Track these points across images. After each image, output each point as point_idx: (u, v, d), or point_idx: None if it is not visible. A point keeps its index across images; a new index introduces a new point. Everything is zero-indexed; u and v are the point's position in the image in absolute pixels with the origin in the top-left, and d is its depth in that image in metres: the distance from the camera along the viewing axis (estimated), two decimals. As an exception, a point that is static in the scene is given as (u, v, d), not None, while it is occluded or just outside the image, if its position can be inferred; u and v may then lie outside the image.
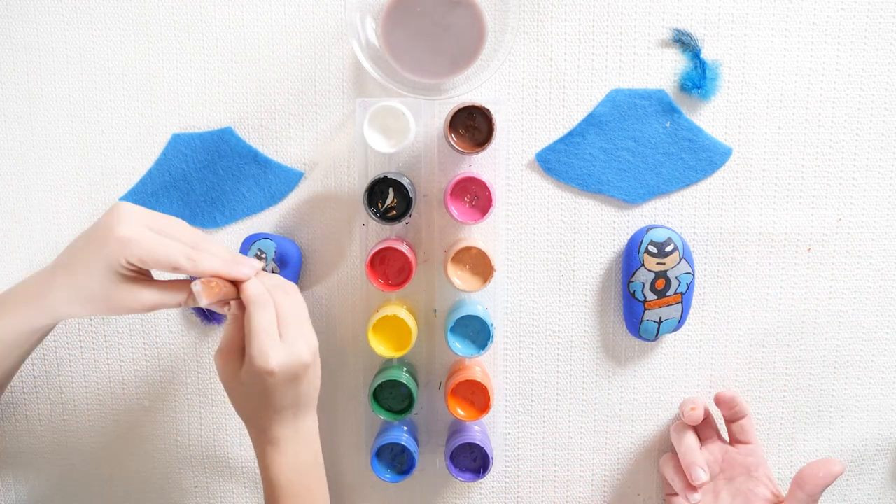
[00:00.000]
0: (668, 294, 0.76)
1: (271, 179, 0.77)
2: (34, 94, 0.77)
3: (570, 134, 0.76)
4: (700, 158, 0.77)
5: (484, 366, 0.79)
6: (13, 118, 0.77)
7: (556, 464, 0.83)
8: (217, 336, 0.80)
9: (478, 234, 0.78)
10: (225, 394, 0.81)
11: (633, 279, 0.75)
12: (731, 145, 0.77)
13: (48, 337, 0.81)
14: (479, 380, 0.74)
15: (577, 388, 0.81)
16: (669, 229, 0.75)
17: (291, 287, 0.64)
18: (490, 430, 0.80)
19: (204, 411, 0.82)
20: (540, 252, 0.79)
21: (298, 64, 0.76)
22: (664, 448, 0.82)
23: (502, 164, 0.77)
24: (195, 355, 0.81)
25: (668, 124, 0.75)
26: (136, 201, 0.78)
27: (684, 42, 0.74)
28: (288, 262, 0.76)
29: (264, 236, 0.76)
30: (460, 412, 0.75)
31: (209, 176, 0.77)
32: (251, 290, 0.61)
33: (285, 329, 0.61)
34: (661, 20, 0.75)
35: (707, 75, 0.74)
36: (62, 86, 0.77)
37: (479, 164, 0.76)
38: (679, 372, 0.81)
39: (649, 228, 0.75)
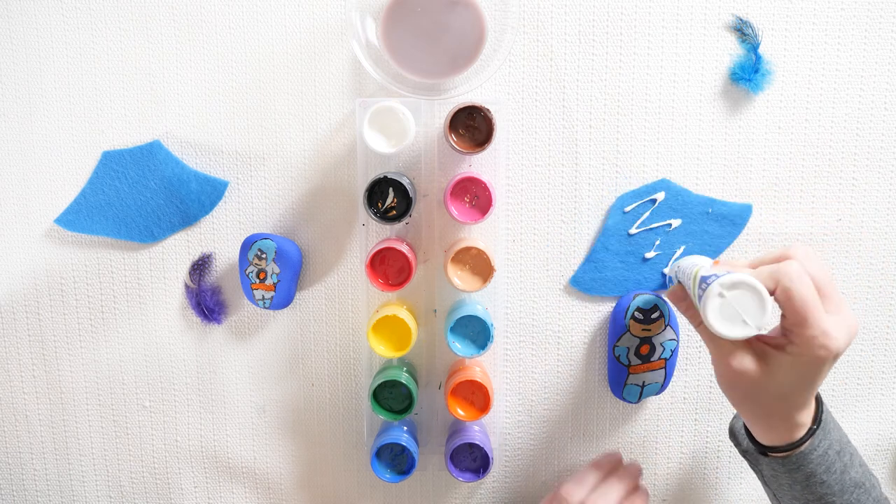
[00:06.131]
0: (652, 359, 0.77)
1: (198, 190, 0.77)
2: None
3: (594, 251, 0.78)
4: (723, 225, 0.78)
5: (484, 366, 0.79)
6: None
7: (556, 464, 0.83)
8: (217, 336, 0.80)
9: (478, 234, 0.78)
10: (225, 394, 0.81)
11: (618, 343, 0.77)
12: (731, 145, 0.77)
13: (48, 336, 0.81)
14: (479, 380, 0.74)
15: (576, 389, 0.81)
16: (656, 296, 0.76)
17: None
18: (490, 430, 0.80)
19: (204, 411, 0.82)
20: (540, 252, 0.79)
21: (298, 64, 0.76)
22: (664, 445, 0.82)
23: (502, 164, 0.77)
24: (195, 355, 0.81)
25: (709, 210, 0.77)
26: (71, 221, 0.78)
27: (744, 32, 0.73)
28: (288, 262, 0.76)
29: (264, 236, 0.76)
30: (460, 412, 0.75)
31: (142, 191, 0.77)
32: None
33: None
34: (660, 20, 0.75)
35: (760, 69, 0.74)
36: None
37: (479, 164, 0.76)
38: (678, 362, 0.81)
39: (636, 295, 0.76)
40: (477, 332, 0.75)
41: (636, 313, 0.76)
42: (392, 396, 0.76)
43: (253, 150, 0.78)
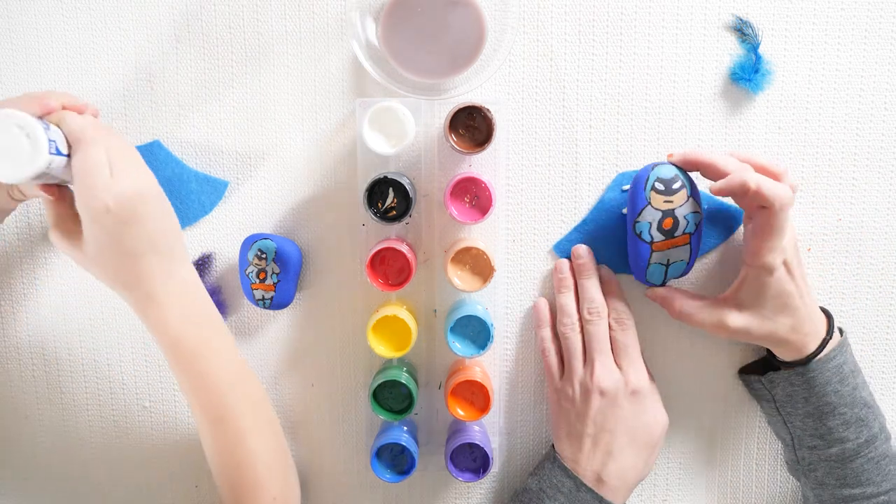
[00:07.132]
0: (675, 234, 0.72)
1: (198, 190, 0.77)
2: None
3: (584, 222, 0.77)
4: (714, 224, 0.77)
5: (484, 366, 0.79)
6: None
7: (556, 464, 0.83)
8: (217, 336, 0.80)
9: (478, 234, 0.78)
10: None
11: (639, 218, 0.71)
12: (731, 145, 0.77)
13: (48, 336, 0.81)
14: (479, 380, 0.74)
15: (577, 388, 0.81)
16: (676, 167, 0.72)
17: (114, 130, 0.62)
18: (490, 430, 0.80)
19: (204, 411, 0.82)
20: (540, 252, 0.79)
21: (298, 64, 0.76)
22: (663, 445, 0.82)
23: (502, 164, 0.77)
24: (195, 355, 0.81)
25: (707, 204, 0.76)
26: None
27: (744, 32, 0.73)
28: (288, 262, 0.76)
29: (264, 236, 0.76)
30: (460, 412, 0.75)
31: None
32: (77, 125, 0.59)
33: (115, 165, 0.59)
34: (660, 20, 0.75)
35: (760, 69, 0.74)
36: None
37: (479, 164, 0.76)
38: (674, 362, 0.81)
39: (655, 165, 0.72)
40: (477, 332, 0.75)
41: (657, 184, 0.71)
42: (392, 396, 0.76)
43: (253, 150, 0.78)
